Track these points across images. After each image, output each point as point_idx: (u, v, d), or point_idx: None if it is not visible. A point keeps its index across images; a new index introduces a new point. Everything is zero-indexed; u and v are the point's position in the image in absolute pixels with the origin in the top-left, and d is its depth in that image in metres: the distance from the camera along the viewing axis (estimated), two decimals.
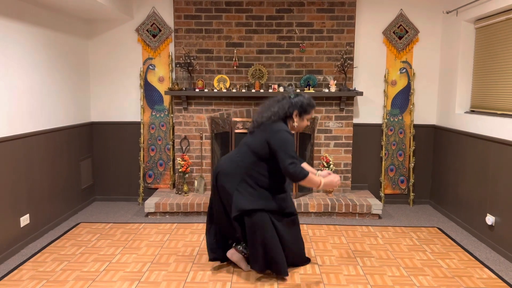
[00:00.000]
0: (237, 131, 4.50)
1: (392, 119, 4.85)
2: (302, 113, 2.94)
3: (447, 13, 4.48)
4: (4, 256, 3.30)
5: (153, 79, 4.81)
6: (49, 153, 3.98)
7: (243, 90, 4.55)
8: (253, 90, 4.54)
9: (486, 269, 3.19)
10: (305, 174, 2.74)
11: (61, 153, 4.22)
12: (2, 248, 3.30)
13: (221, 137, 4.80)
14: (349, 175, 4.77)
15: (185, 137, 4.73)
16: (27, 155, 3.63)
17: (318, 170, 3.01)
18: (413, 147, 4.86)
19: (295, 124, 2.96)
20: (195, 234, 3.87)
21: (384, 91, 4.82)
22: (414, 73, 4.79)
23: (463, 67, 4.31)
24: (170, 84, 4.74)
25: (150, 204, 4.36)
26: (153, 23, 4.72)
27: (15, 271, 3.11)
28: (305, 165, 3.09)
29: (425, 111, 4.87)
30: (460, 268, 3.21)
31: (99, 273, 3.09)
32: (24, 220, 3.59)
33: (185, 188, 4.60)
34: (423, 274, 3.10)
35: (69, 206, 4.40)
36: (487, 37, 3.99)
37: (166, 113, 4.85)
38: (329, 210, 4.38)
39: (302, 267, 3.18)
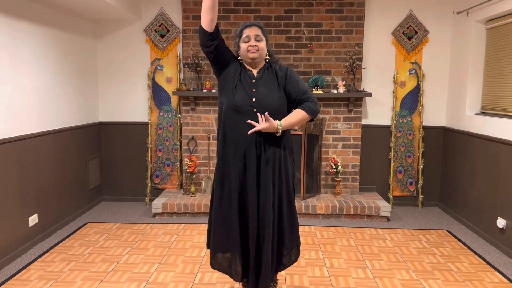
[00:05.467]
0: None
1: (401, 121, 4.81)
2: (239, 38, 2.34)
3: (458, 13, 4.43)
4: (12, 255, 3.31)
5: (161, 80, 4.81)
6: (57, 153, 3.99)
7: None
8: None
9: (497, 273, 3.15)
10: None
11: (69, 153, 4.23)
12: (11, 248, 3.31)
13: None
14: (357, 176, 4.73)
15: (193, 138, 4.73)
16: (36, 155, 3.64)
17: None
18: (422, 149, 4.81)
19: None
20: (203, 235, 3.86)
21: (393, 92, 4.78)
22: (423, 74, 4.75)
23: (473, 68, 4.26)
24: (178, 85, 4.74)
25: (158, 204, 4.36)
26: (161, 24, 4.71)
27: (24, 271, 3.11)
28: None
29: (435, 112, 4.83)
30: (470, 272, 3.17)
31: (107, 273, 3.09)
32: (33, 219, 3.60)
33: (193, 188, 4.59)
34: (433, 277, 3.06)
35: (77, 206, 4.41)
36: (499, 38, 3.94)
37: (174, 113, 4.84)
38: (337, 212, 4.35)
39: (310, 270, 3.15)
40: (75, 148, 4.35)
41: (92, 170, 4.74)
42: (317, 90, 4.51)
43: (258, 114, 2.18)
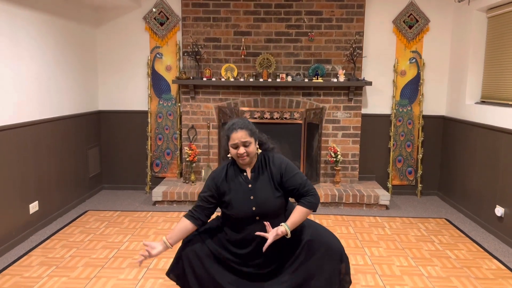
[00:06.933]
0: None
1: (401, 110, 4.81)
2: (227, 141, 2.26)
3: (459, 1, 4.41)
4: (14, 242, 3.33)
5: (160, 68, 4.79)
6: (57, 141, 3.99)
7: (251, 80, 4.53)
8: (261, 80, 4.51)
9: (495, 260, 3.17)
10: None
11: (69, 141, 4.23)
12: (12, 235, 3.33)
13: None
14: (357, 165, 4.74)
15: (193, 126, 4.72)
16: (35, 143, 3.64)
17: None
18: (422, 138, 4.82)
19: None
20: None
21: (393, 81, 4.77)
22: (424, 63, 4.74)
23: (474, 57, 4.24)
24: (178, 73, 4.72)
25: (158, 192, 4.38)
26: (161, 11, 4.68)
27: (25, 257, 3.13)
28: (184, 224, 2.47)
29: (435, 101, 4.82)
30: (468, 259, 3.20)
31: (108, 260, 3.11)
32: (33, 207, 3.61)
33: (192, 177, 4.61)
34: (431, 264, 3.09)
35: (77, 194, 4.42)
36: (500, 26, 3.92)
37: (174, 102, 4.84)
38: (337, 201, 4.37)
39: None
40: (75, 136, 4.35)
41: (92, 158, 4.75)
42: (317, 79, 4.50)
43: (265, 223, 2.15)
